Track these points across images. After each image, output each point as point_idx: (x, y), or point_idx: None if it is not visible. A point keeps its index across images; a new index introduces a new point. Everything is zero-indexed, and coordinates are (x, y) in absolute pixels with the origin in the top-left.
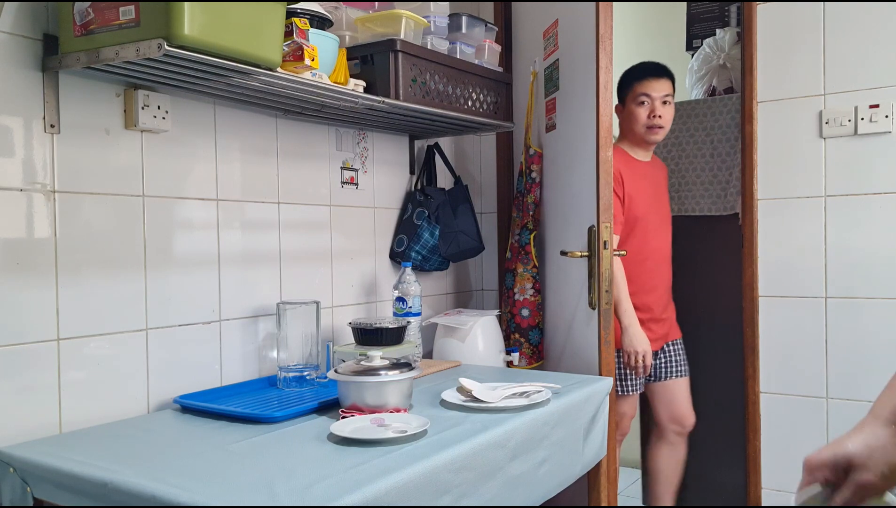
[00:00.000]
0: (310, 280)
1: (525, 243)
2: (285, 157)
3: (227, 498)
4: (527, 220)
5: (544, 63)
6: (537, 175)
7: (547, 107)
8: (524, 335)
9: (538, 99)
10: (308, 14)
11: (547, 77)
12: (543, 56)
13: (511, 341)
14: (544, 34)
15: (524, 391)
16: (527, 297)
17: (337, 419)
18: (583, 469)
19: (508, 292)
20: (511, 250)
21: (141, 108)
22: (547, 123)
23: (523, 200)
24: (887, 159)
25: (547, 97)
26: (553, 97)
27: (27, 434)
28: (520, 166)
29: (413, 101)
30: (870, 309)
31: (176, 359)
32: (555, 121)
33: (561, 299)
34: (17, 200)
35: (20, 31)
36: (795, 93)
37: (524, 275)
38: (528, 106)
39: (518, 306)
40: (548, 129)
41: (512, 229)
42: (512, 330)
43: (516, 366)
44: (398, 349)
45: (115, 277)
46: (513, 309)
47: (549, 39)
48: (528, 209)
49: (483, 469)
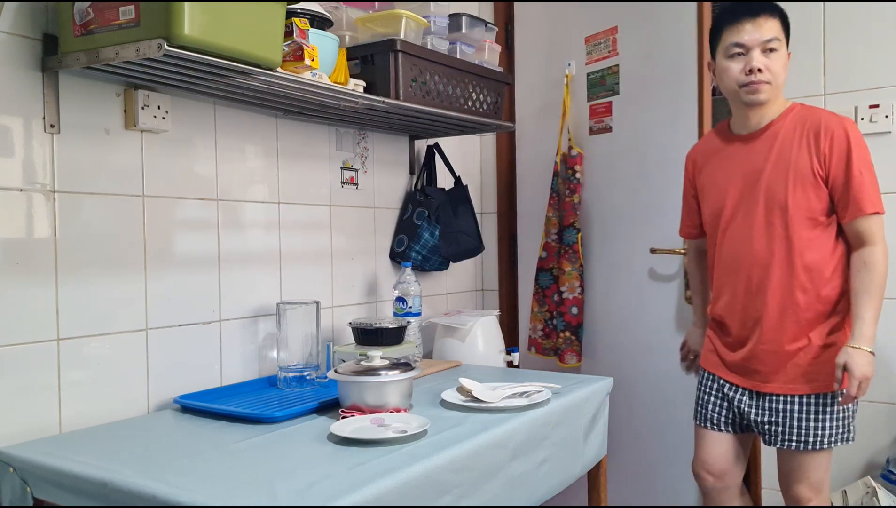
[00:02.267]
0: (310, 280)
1: (572, 242)
2: (285, 157)
3: (227, 498)
4: (573, 219)
5: (588, 67)
6: (581, 176)
7: (594, 110)
8: (574, 333)
9: (577, 102)
10: (308, 14)
11: (595, 81)
12: (586, 60)
13: (559, 340)
14: (588, 40)
15: (524, 391)
16: (575, 295)
17: (337, 419)
18: (583, 469)
19: (544, 292)
20: (547, 249)
21: (141, 108)
22: (593, 125)
23: (563, 200)
24: (887, 159)
25: (593, 101)
26: (608, 101)
27: (27, 434)
28: (554, 167)
29: (413, 101)
30: None
31: (176, 359)
32: (608, 124)
33: (615, 298)
34: (17, 200)
35: (20, 30)
36: (795, 93)
37: (572, 274)
38: (563, 108)
39: (567, 305)
40: (593, 131)
41: (547, 228)
42: (559, 329)
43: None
44: (398, 349)
45: (115, 277)
46: (560, 308)
47: (597, 45)
48: (575, 209)
49: (483, 470)
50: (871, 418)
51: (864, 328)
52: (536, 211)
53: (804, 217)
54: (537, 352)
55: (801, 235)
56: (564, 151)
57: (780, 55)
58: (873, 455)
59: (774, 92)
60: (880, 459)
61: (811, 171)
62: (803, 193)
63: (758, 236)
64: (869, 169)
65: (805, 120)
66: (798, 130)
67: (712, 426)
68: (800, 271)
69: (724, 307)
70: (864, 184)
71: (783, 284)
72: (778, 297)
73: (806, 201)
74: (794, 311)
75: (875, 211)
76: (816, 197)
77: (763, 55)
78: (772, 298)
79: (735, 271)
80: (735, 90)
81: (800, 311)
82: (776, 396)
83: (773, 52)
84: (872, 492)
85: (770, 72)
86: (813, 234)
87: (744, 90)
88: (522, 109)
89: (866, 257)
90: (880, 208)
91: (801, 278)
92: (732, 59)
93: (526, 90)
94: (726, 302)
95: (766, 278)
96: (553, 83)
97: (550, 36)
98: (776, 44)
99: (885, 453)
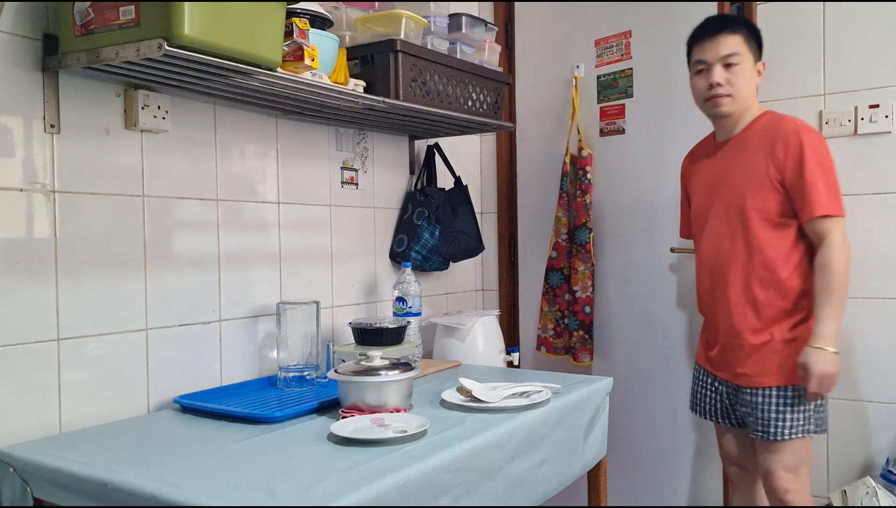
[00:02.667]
0: (310, 280)
1: (584, 242)
2: (285, 157)
3: (227, 498)
4: (585, 219)
5: (598, 70)
6: (592, 176)
7: (604, 112)
8: (588, 332)
9: (586, 103)
10: (308, 14)
11: (606, 84)
12: (596, 63)
13: (573, 339)
14: (598, 42)
15: (524, 391)
16: (588, 294)
17: (337, 419)
18: (583, 469)
19: (554, 291)
20: (557, 248)
21: (141, 108)
22: (604, 126)
23: (574, 200)
24: (887, 159)
25: (604, 103)
26: (620, 103)
27: (27, 434)
28: (563, 167)
29: (413, 101)
30: (870, 309)
31: (176, 359)
32: (621, 126)
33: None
34: (17, 200)
35: (20, 31)
36: (795, 93)
37: (585, 273)
38: (572, 109)
39: (581, 304)
40: (604, 133)
41: (557, 228)
42: (573, 328)
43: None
44: (398, 349)
45: (115, 277)
46: (573, 307)
47: (608, 48)
48: (587, 209)
49: (483, 469)
50: (871, 418)
51: (821, 327)
52: (537, 211)
53: (761, 219)
54: (548, 351)
55: (758, 235)
56: (574, 152)
57: (741, 68)
58: (873, 455)
59: (738, 103)
60: (880, 459)
61: (766, 175)
62: (760, 195)
63: (723, 236)
64: (824, 172)
65: (769, 128)
66: (761, 137)
67: (712, 418)
68: (759, 269)
69: (701, 304)
70: (815, 187)
71: (743, 281)
72: (739, 292)
73: (763, 203)
74: (754, 306)
75: (825, 213)
76: (773, 200)
77: (724, 70)
78: (734, 294)
79: (707, 269)
80: (702, 104)
81: (760, 306)
82: (746, 388)
83: (734, 66)
84: (872, 492)
85: (731, 85)
86: (771, 234)
87: (708, 104)
88: (523, 109)
89: (822, 258)
90: (832, 210)
91: (761, 274)
92: (698, 75)
93: (526, 90)
94: (702, 299)
95: (728, 275)
96: (556, 84)
97: (554, 37)
98: (736, 58)
99: (885, 453)
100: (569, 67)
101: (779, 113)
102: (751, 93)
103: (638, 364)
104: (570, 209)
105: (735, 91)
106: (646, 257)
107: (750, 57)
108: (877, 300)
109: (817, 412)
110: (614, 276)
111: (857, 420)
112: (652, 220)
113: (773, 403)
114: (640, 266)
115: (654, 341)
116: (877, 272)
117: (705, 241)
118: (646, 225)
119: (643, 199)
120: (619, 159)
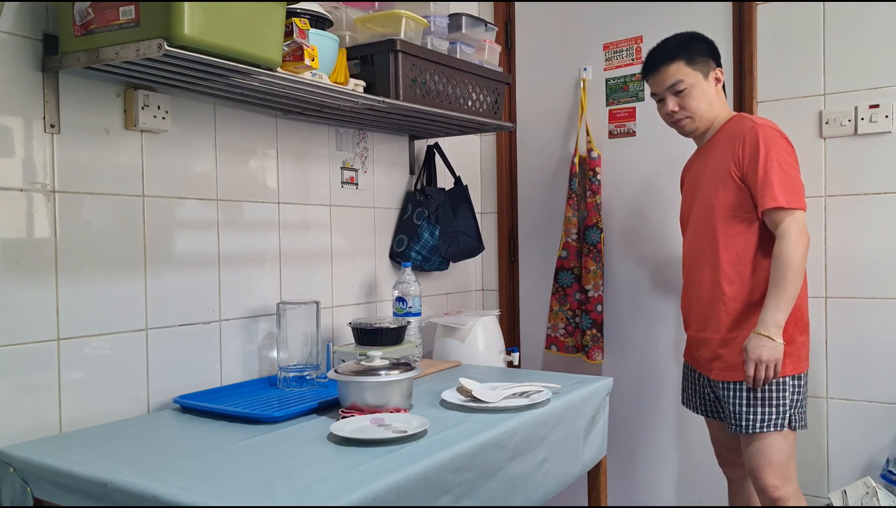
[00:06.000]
0: (310, 280)
1: (595, 242)
2: (285, 157)
3: (227, 498)
4: (596, 219)
5: (607, 73)
6: (601, 177)
7: (613, 114)
8: (600, 330)
9: (594, 105)
10: (308, 14)
11: (616, 87)
12: (605, 66)
13: (586, 337)
14: (606, 46)
15: (524, 391)
16: (600, 293)
17: (337, 419)
18: (583, 469)
19: (565, 290)
20: (567, 248)
21: (141, 108)
22: (613, 129)
23: (585, 201)
24: (887, 159)
25: (613, 105)
26: (631, 106)
27: (27, 434)
28: (572, 168)
29: (413, 101)
30: (870, 309)
31: (176, 359)
32: (632, 128)
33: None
34: (17, 200)
35: (20, 31)
36: (795, 93)
37: (596, 272)
38: (580, 111)
39: (593, 303)
40: (613, 135)
41: (566, 228)
42: (585, 327)
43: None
44: (398, 349)
45: (115, 277)
46: (585, 306)
47: (618, 52)
48: (598, 210)
49: (483, 469)
50: (871, 418)
51: (766, 315)
52: (539, 211)
53: (727, 215)
54: (559, 350)
55: (725, 230)
56: (583, 154)
57: (690, 92)
58: (873, 455)
59: (700, 120)
60: (880, 459)
61: (728, 173)
62: (725, 192)
63: (698, 235)
64: (780, 167)
65: (734, 129)
66: (727, 139)
67: (701, 412)
68: (725, 264)
69: (682, 301)
70: (769, 181)
71: (712, 276)
72: (708, 287)
73: (727, 199)
74: (722, 301)
75: (777, 205)
76: (736, 196)
77: (675, 97)
78: (705, 289)
79: (686, 267)
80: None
81: (728, 301)
82: (717, 382)
83: (682, 91)
84: (872, 492)
85: (686, 109)
86: (737, 229)
87: (674, 127)
88: (523, 109)
89: (776, 250)
90: (786, 202)
91: (727, 269)
92: (658, 104)
93: (527, 91)
94: (682, 296)
95: (700, 272)
96: (560, 85)
97: (557, 38)
98: (682, 84)
99: (885, 453)
100: (574, 69)
101: (747, 115)
102: (710, 104)
103: (647, 363)
104: (580, 209)
105: (692, 112)
106: (655, 255)
107: (697, 75)
108: (877, 300)
109: (794, 408)
110: (623, 275)
111: (857, 420)
112: (663, 220)
113: (742, 396)
114: (649, 265)
115: (662, 340)
116: (877, 272)
117: (686, 241)
118: (657, 225)
119: (652, 199)
120: (629, 161)
